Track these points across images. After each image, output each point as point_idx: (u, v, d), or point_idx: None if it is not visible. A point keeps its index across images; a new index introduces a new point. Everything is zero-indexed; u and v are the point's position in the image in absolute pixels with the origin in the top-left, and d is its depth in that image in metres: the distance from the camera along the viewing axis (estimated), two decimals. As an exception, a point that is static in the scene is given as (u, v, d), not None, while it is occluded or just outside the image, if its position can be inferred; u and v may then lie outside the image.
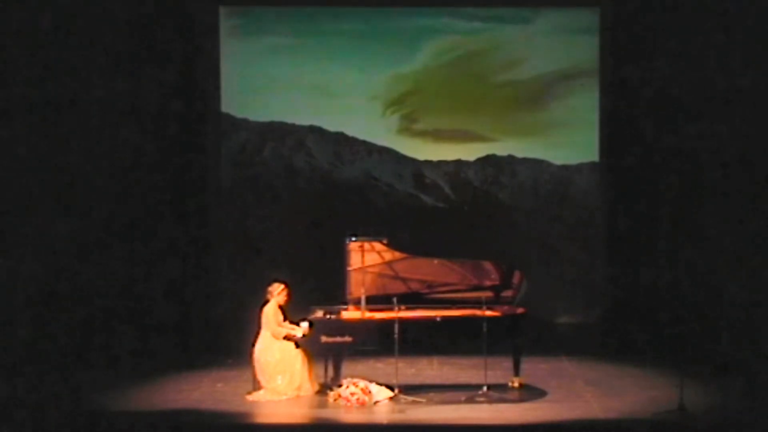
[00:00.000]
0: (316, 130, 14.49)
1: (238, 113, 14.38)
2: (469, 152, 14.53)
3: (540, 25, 14.36)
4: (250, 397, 10.44)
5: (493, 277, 11.03)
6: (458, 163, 14.52)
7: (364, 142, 14.51)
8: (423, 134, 14.58)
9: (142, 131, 13.47)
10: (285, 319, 10.65)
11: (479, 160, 14.53)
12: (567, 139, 14.42)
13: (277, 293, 10.63)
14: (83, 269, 12.55)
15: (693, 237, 13.23)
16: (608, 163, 14.14)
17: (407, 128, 14.55)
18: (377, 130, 14.53)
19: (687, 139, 13.42)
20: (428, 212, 14.45)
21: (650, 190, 13.69)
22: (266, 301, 10.63)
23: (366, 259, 10.97)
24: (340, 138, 14.50)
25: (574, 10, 14.36)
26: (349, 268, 10.96)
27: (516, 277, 11.03)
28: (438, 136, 14.58)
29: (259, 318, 10.58)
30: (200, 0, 14.01)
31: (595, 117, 14.26)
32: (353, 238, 10.98)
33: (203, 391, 10.85)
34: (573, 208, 14.42)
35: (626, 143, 13.89)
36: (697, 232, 13.19)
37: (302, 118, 14.45)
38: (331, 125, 14.48)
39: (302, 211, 14.32)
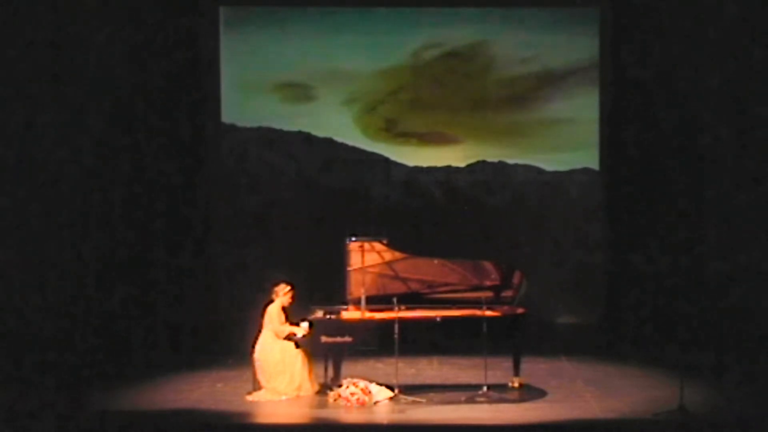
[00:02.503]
0: (304, 135, 14.44)
1: (229, 118, 14.37)
2: (459, 157, 14.43)
3: (533, 24, 14.29)
4: (250, 397, 10.44)
5: (493, 277, 11.03)
6: (448, 170, 14.45)
7: (353, 148, 14.45)
8: (412, 139, 14.49)
9: (142, 132, 13.46)
10: (287, 320, 10.65)
11: (470, 166, 14.46)
12: (563, 141, 14.36)
13: (283, 294, 10.64)
14: (83, 269, 12.55)
15: (693, 237, 13.22)
16: (608, 163, 14.13)
17: (396, 132, 14.48)
18: (366, 133, 14.47)
19: (687, 138, 13.42)
20: (420, 217, 14.34)
21: (650, 190, 13.67)
22: (270, 301, 10.64)
23: (366, 259, 10.97)
24: (328, 143, 14.44)
25: (573, 9, 14.32)
26: (349, 268, 10.96)
27: (516, 277, 11.03)
28: (427, 140, 14.49)
29: (262, 317, 10.59)
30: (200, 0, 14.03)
31: (591, 117, 14.22)
32: (353, 238, 10.98)
33: (203, 391, 10.85)
34: (571, 210, 14.38)
35: (625, 143, 13.88)
36: (697, 232, 13.18)
37: (291, 122, 14.42)
38: (319, 130, 14.43)
39: (299, 213, 14.32)
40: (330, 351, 10.61)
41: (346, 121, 14.47)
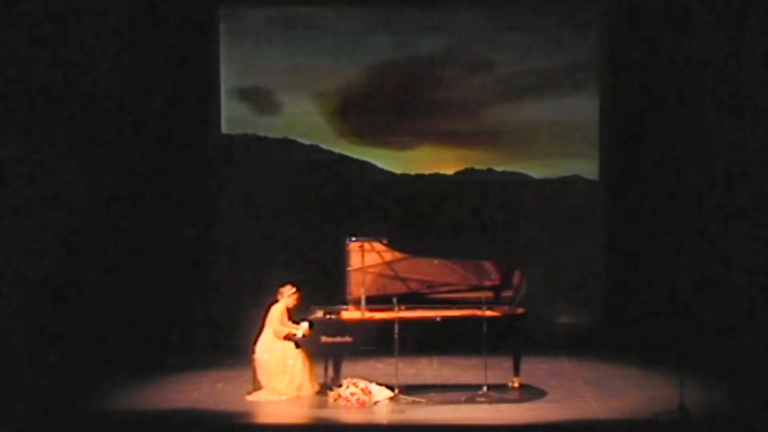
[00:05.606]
0: (290, 143, 14.42)
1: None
2: (449, 164, 14.36)
3: (532, 24, 14.21)
4: (250, 397, 10.45)
5: (493, 278, 11.04)
6: (437, 177, 14.39)
7: (340, 155, 14.42)
8: (401, 144, 14.42)
9: (143, 132, 13.46)
10: (290, 321, 10.66)
11: (458, 173, 14.41)
12: (555, 148, 14.25)
13: (288, 295, 10.65)
14: (83, 268, 12.55)
15: (692, 236, 13.21)
16: (607, 165, 14.10)
17: (386, 139, 14.41)
18: (354, 139, 14.42)
19: (686, 139, 13.40)
20: (411, 224, 14.28)
21: (649, 191, 13.66)
22: (275, 301, 10.65)
23: (366, 259, 10.98)
24: (315, 149, 14.40)
25: (573, 9, 14.25)
26: (349, 268, 10.97)
27: (516, 278, 11.04)
28: (414, 146, 14.42)
29: (264, 317, 10.60)
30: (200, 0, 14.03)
31: (584, 122, 14.13)
32: (353, 238, 10.99)
33: (203, 391, 10.86)
34: (566, 214, 14.32)
35: (624, 147, 13.85)
36: (696, 232, 13.17)
37: (279, 128, 14.40)
38: (305, 136, 14.41)
39: (298, 215, 14.31)
40: (330, 351, 10.62)
41: (333, 127, 14.42)
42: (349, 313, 10.84)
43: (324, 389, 10.54)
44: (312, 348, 10.61)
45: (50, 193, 12.14)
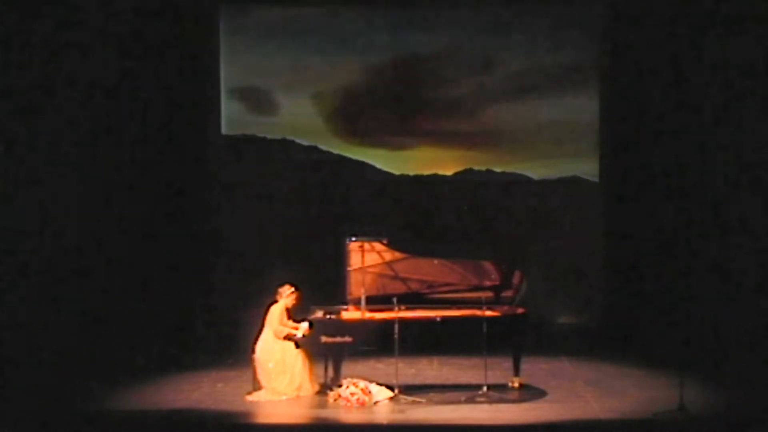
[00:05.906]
0: (288, 143, 14.41)
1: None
2: (448, 164, 14.34)
3: (531, 24, 14.18)
4: (250, 397, 10.44)
5: (493, 278, 11.04)
6: (436, 177, 14.38)
7: (339, 156, 14.40)
8: (398, 146, 14.41)
9: (142, 131, 13.45)
10: (290, 320, 10.66)
11: (458, 174, 14.39)
12: (553, 149, 14.23)
13: (287, 295, 10.65)
14: (83, 268, 12.54)
15: (692, 236, 13.20)
16: (608, 165, 14.10)
17: (384, 140, 14.40)
18: (351, 140, 14.41)
19: (686, 139, 13.39)
20: (412, 223, 14.26)
21: (649, 191, 13.66)
22: (275, 301, 10.65)
23: (366, 259, 10.98)
24: (313, 150, 14.39)
25: (573, 9, 14.22)
26: (349, 268, 10.97)
27: (516, 278, 11.04)
28: (413, 146, 14.41)
29: (264, 317, 10.60)
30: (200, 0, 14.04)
31: (583, 123, 14.11)
32: (353, 238, 10.99)
33: (203, 391, 10.86)
34: (564, 215, 14.30)
35: (621, 147, 13.84)
36: (696, 232, 13.16)
37: (278, 128, 14.39)
38: (304, 136, 14.39)
39: (297, 216, 14.30)
40: (330, 351, 10.61)
41: (332, 127, 14.41)
42: (349, 313, 10.84)
43: (324, 389, 10.54)
44: (312, 348, 10.61)
45: (50, 193, 12.13)
